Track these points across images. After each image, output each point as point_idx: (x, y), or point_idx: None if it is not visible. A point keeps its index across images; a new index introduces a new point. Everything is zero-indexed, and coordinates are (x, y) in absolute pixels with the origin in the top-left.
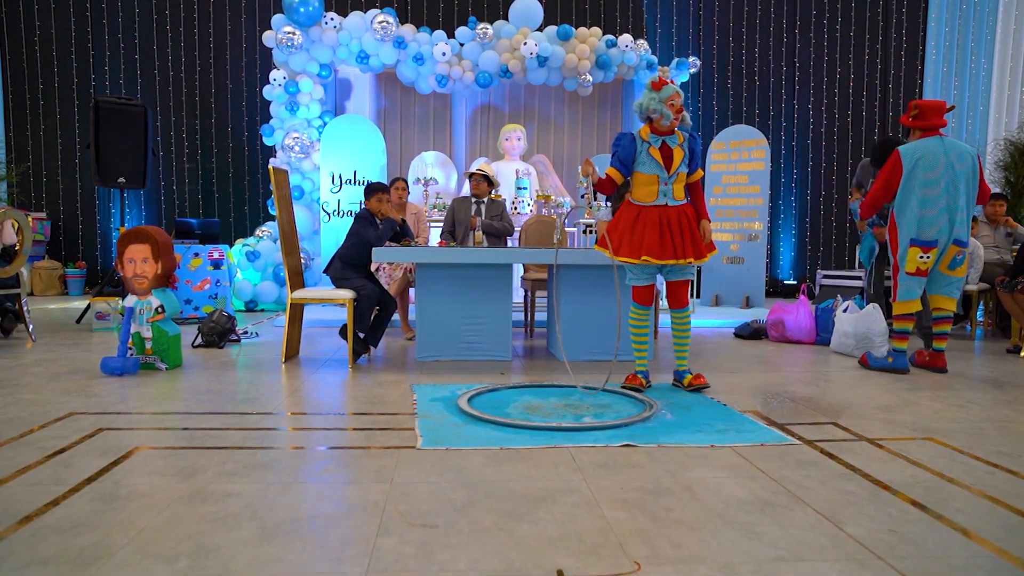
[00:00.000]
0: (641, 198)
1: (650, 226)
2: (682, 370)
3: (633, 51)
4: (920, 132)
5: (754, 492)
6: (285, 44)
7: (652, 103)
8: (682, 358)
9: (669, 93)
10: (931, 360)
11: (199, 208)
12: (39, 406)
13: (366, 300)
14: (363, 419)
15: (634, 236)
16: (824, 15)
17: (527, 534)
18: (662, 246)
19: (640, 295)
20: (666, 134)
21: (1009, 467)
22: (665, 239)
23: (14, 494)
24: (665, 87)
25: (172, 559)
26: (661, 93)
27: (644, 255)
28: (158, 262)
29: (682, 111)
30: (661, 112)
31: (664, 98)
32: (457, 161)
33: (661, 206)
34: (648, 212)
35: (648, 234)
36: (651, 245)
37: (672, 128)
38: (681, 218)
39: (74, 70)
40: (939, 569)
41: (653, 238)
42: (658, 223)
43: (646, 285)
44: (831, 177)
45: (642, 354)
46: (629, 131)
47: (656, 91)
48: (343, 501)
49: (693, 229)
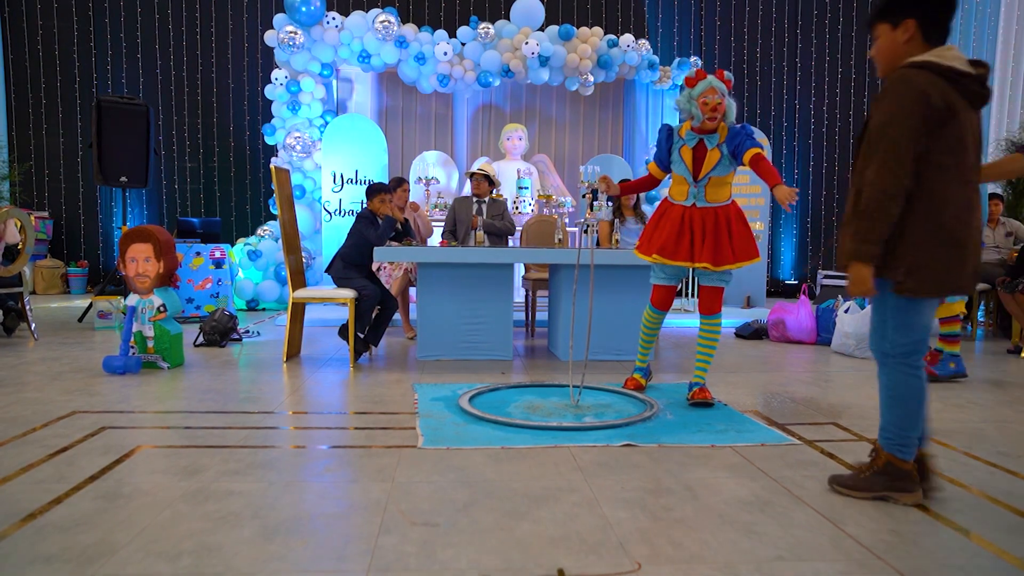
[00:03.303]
0: (673, 195)
1: (671, 224)
2: (693, 381)
3: (634, 51)
4: None
5: (754, 492)
6: (287, 43)
7: (683, 102)
8: (699, 369)
9: (702, 90)
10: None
11: (201, 207)
12: (42, 405)
13: (367, 300)
14: (364, 418)
15: (655, 233)
16: (825, 15)
17: (528, 533)
18: (677, 247)
19: (656, 296)
20: (706, 132)
21: (1009, 467)
22: (683, 240)
23: (17, 492)
24: (700, 82)
25: (174, 557)
26: (694, 90)
27: (655, 252)
28: (160, 261)
29: (719, 108)
30: (691, 112)
31: (696, 95)
32: (458, 161)
33: (688, 206)
34: (673, 210)
35: (667, 232)
36: (666, 244)
37: (712, 127)
38: (707, 220)
39: (76, 69)
40: (939, 569)
41: (670, 237)
42: (679, 222)
43: (664, 286)
44: (832, 177)
45: (643, 355)
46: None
47: (690, 87)
48: (344, 500)
49: (722, 233)
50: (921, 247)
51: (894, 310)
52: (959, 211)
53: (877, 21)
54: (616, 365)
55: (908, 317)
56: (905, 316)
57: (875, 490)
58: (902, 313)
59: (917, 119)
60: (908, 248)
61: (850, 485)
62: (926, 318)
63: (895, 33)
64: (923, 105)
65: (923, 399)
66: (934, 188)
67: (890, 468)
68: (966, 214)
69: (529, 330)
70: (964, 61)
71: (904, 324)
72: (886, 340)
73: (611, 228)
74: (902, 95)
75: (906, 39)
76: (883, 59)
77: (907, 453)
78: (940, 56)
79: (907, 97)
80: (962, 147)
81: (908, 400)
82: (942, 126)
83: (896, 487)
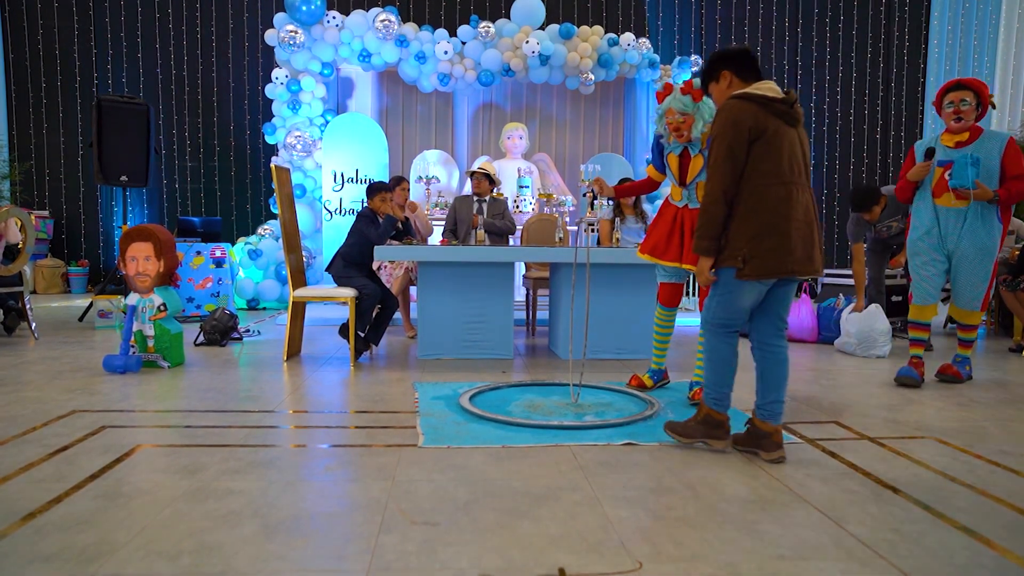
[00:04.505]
0: (672, 196)
1: (664, 224)
2: (694, 380)
3: (635, 50)
4: None
5: (756, 491)
6: (287, 42)
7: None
8: (700, 367)
9: (662, 110)
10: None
11: (201, 206)
12: (42, 404)
13: (368, 299)
14: (365, 417)
15: (651, 232)
16: (826, 14)
17: (529, 532)
18: (667, 246)
19: (663, 293)
20: (688, 141)
21: (1012, 466)
22: (673, 240)
23: (17, 491)
24: (664, 101)
25: (174, 556)
26: (660, 107)
27: (648, 252)
28: (160, 260)
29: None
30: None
31: (662, 113)
32: (459, 159)
33: (681, 207)
34: (669, 210)
35: (659, 232)
36: (658, 243)
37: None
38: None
39: (77, 69)
40: (941, 568)
41: (662, 237)
42: (671, 222)
43: (669, 283)
44: (833, 176)
45: (657, 356)
46: None
47: (659, 102)
48: (345, 499)
49: None
50: (752, 239)
51: (722, 289)
52: (779, 207)
53: (706, 86)
54: (617, 364)
55: (731, 297)
56: (729, 296)
57: (696, 436)
58: (728, 294)
59: (731, 138)
60: (743, 241)
61: (678, 431)
62: (745, 301)
63: (719, 84)
64: (735, 127)
65: (733, 364)
66: (757, 190)
67: (709, 419)
68: (786, 208)
69: (530, 329)
70: (776, 91)
71: (726, 302)
72: (710, 311)
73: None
74: (721, 122)
75: (727, 85)
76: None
77: (722, 407)
78: (755, 88)
79: (725, 123)
80: (778, 155)
81: (721, 363)
82: (756, 141)
83: (711, 435)
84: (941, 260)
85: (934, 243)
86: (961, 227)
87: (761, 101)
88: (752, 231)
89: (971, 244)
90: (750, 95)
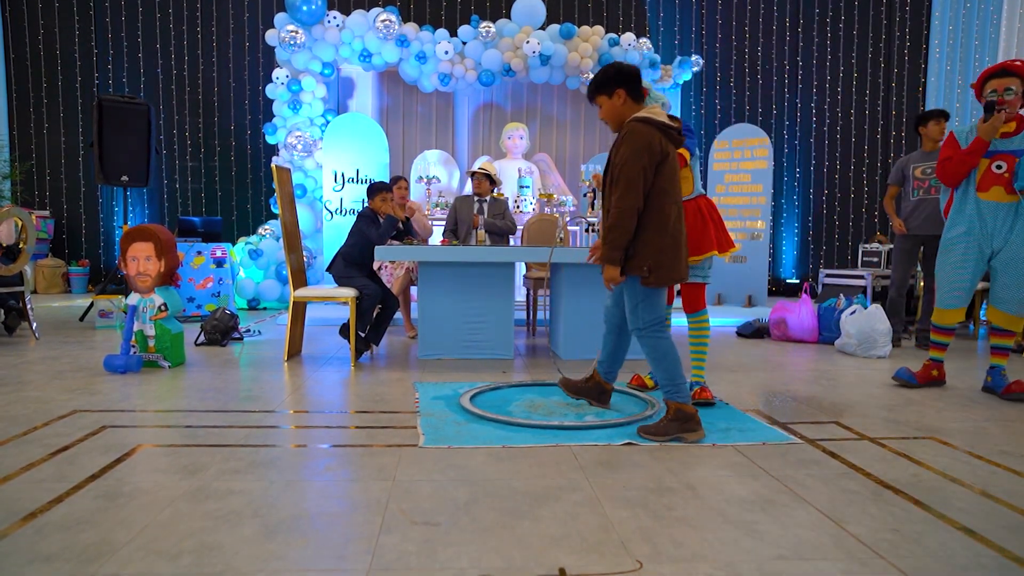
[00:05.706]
0: None
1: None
2: (693, 380)
3: (636, 50)
4: None
5: (756, 491)
6: (288, 42)
7: None
8: (696, 367)
9: None
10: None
11: (202, 206)
12: (43, 404)
13: (368, 299)
14: (365, 417)
15: None
16: (827, 13)
17: (529, 532)
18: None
19: (686, 297)
20: None
21: (1012, 466)
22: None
23: (18, 491)
24: None
25: (175, 556)
26: None
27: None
28: (161, 260)
29: None
30: None
31: None
32: (459, 160)
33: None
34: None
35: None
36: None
37: None
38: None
39: (78, 68)
40: (941, 568)
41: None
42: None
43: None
44: (834, 176)
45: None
46: None
47: None
48: (345, 499)
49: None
50: (657, 250)
51: (641, 296)
52: (676, 224)
53: (596, 95)
54: None
55: (650, 300)
56: (648, 300)
57: (671, 433)
58: (646, 299)
59: (645, 159)
60: (648, 252)
61: (652, 431)
62: (662, 299)
63: (612, 100)
64: (649, 150)
65: (675, 353)
66: (660, 207)
67: (679, 414)
68: (678, 225)
69: (530, 329)
70: (667, 117)
71: (649, 305)
72: (638, 319)
73: None
74: (634, 143)
75: (621, 103)
76: (611, 119)
77: (684, 397)
78: (653, 113)
79: (638, 144)
80: (673, 177)
81: (664, 356)
82: (662, 163)
83: (685, 428)
84: (978, 261)
85: (973, 242)
86: (1012, 224)
87: (662, 128)
88: (658, 245)
89: (1022, 243)
90: (652, 121)
